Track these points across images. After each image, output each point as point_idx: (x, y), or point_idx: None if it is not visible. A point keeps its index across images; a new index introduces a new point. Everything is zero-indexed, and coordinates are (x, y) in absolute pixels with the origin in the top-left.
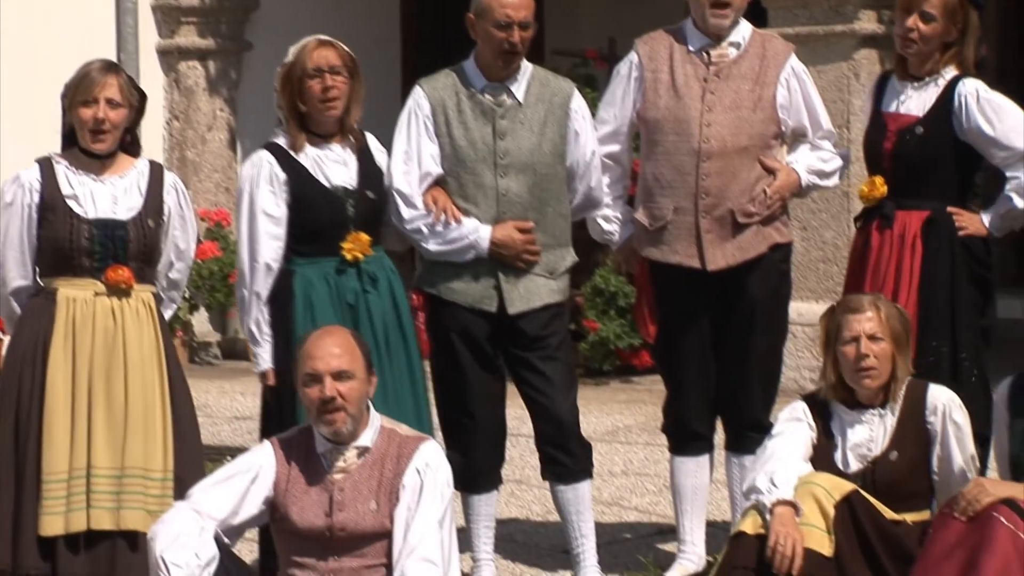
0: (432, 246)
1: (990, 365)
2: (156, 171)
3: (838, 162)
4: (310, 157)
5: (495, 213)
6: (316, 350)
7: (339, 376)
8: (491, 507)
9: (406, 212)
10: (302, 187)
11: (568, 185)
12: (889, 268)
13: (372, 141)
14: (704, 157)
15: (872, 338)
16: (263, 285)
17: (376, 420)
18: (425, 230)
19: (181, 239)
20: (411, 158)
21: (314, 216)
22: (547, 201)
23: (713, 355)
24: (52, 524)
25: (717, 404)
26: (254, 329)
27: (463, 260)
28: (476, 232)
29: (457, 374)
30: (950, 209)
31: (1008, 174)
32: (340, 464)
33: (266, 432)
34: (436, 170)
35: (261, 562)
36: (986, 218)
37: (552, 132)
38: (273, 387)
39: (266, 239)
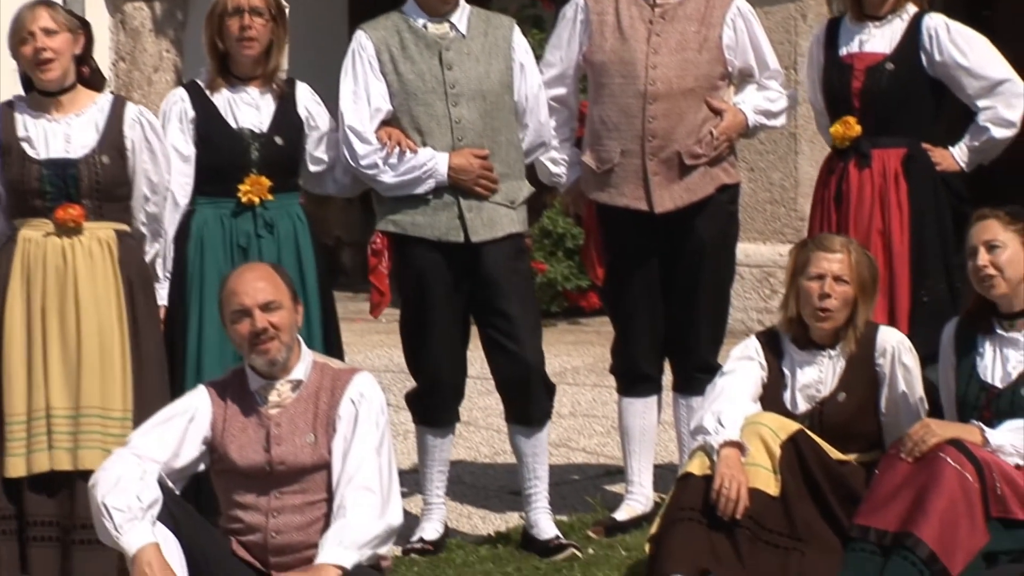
0: (389, 179)
1: None
2: (117, 106)
3: (785, 102)
4: (224, 97)
5: (450, 141)
6: (240, 286)
7: (267, 307)
8: (446, 452)
9: (360, 148)
10: (208, 126)
11: (519, 121)
12: (874, 207)
13: (303, 90)
14: (650, 99)
15: (837, 279)
16: (170, 222)
17: (308, 354)
18: (380, 163)
19: (153, 172)
20: (360, 96)
21: (216, 156)
22: (499, 129)
23: (661, 297)
24: (15, 466)
25: (665, 346)
26: (157, 263)
27: (421, 191)
28: (433, 160)
29: (425, 310)
30: (923, 145)
31: (980, 104)
32: (274, 399)
33: None
34: (386, 106)
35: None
36: (956, 153)
37: (498, 63)
38: (165, 324)
39: (176, 176)
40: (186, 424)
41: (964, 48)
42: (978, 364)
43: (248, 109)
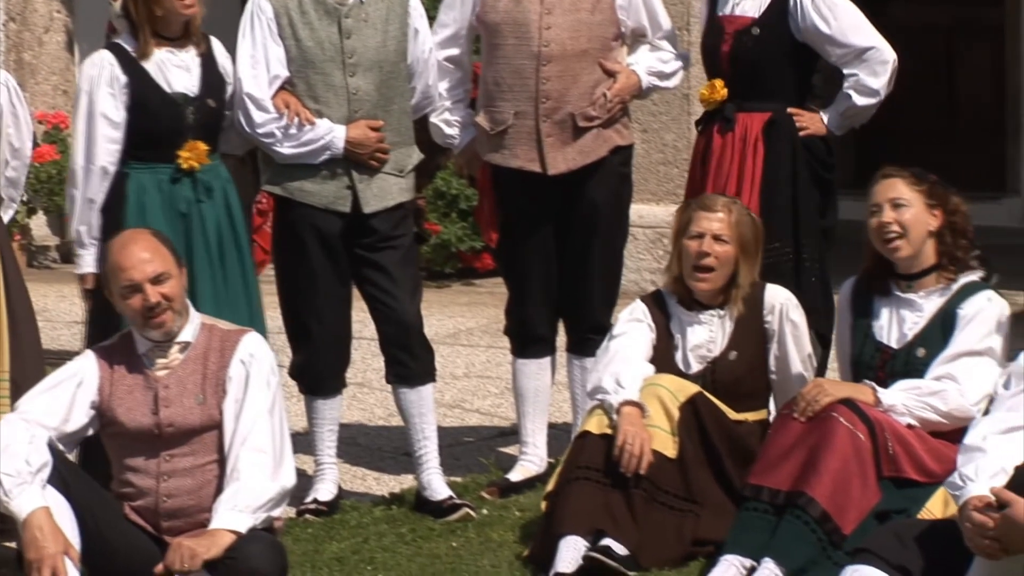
0: (286, 149)
1: (832, 267)
2: None
3: (678, 63)
4: (153, 61)
5: (346, 112)
6: (126, 260)
7: (157, 280)
8: (335, 411)
9: (258, 116)
10: (142, 91)
11: (407, 83)
12: (731, 170)
13: (216, 46)
14: (544, 60)
15: (717, 238)
16: (98, 190)
17: (196, 316)
18: (278, 133)
19: (15, 137)
20: (258, 62)
21: (152, 122)
22: (392, 99)
23: (555, 258)
24: None
25: (559, 307)
26: (82, 231)
27: (316, 162)
28: (331, 133)
29: (307, 277)
30: (790, 110)
31: (845, 71)
32: (162, 361)
33: (93, 336)
34: (284, 72)
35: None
36: (826, 117)
37: (395, 29)
38: (97, 290)
39: (103, 142)
40: (74, 388)
41: (828, 16)
42: (874, 325)
43: (179, 72)
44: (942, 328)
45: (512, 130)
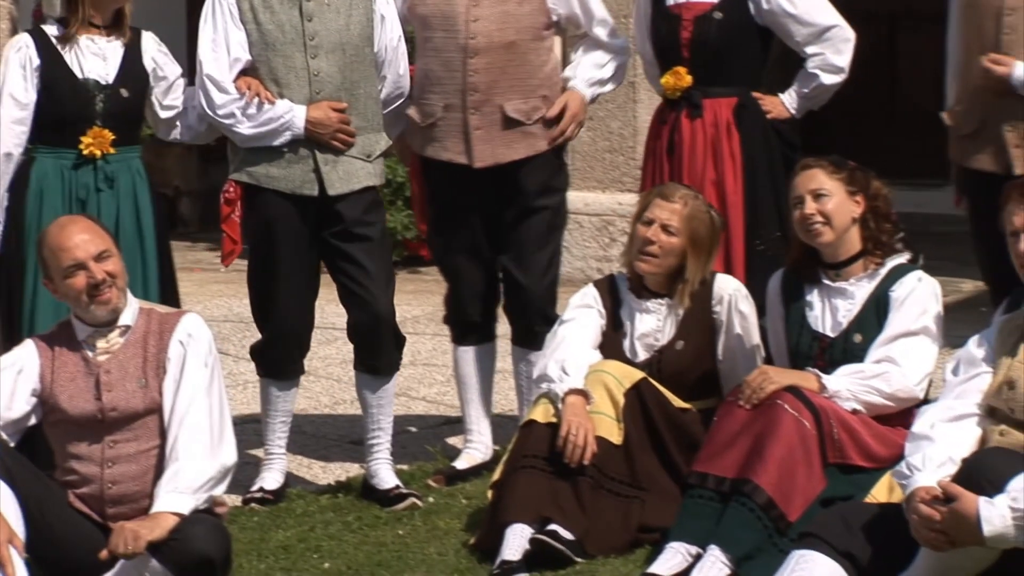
0: (245, 129)
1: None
2: None
3: (617, 60)
4: (72, 46)
5: (308, 94)
6: (67, 241)
7: (100, 257)
8: (289, 403)
9: (218, 97)
10: (53, 75)
11: (377, 73)
12: (707, 157)
13: (149, 40)
14: (471, 53)
15: (665, 228)
16: (3, 172)
17: (134, 301)
18: (238, 113)
19: None
20: (219, 45)
21: (59, 106)
22: (358, 83)
23: (490, 248)
24: None
25: (504, 298)
26: None
27: (278, 142)
28: (291, 112)
29: (273, 262)
30: (754, 94)
31: (809, 51)
32: (103, 346)
33: None
34: (245, 56)
35: None
36: (787, 100)
37: (359, 14)
38: None
39: (8, 124)
40: (15, 377)
41: None
42: (808, 314)
43: (95, 59)
44: (876, 312)
45: (442, 123)
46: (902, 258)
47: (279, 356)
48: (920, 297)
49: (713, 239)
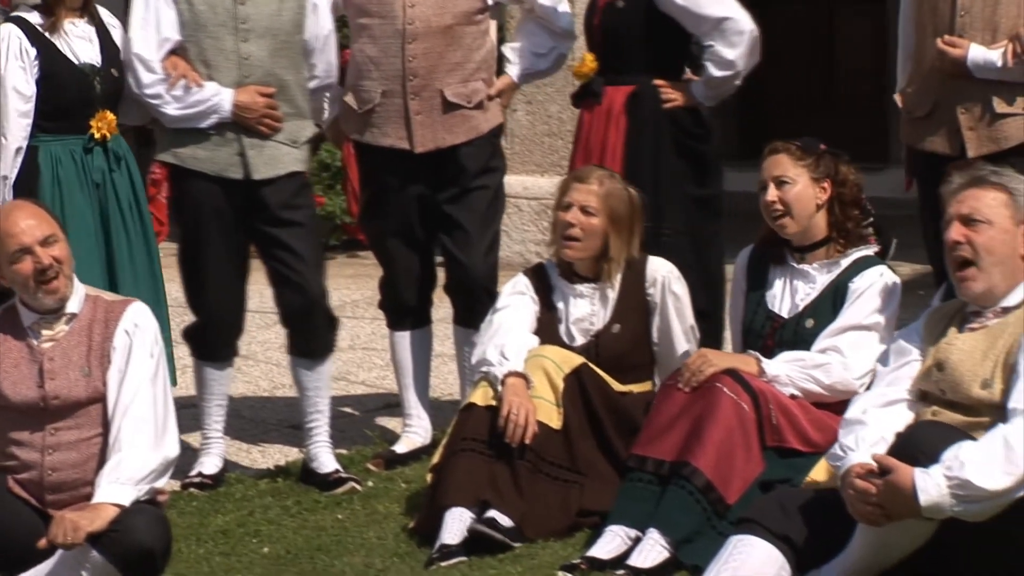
0: (172, 111)
1: (724, 237)
2: None
3: (560, 49)
4: (58, 33)
5: (237, 78)
6: (13, 227)
7: (46, 242)
8: (224, 386)
9: (145, 77)
10: (51, 63)
11: (307, 61)
12: (596, 145)
13: (105, 15)
14: (410, 38)
15: (583, 209)
16: (10, 166)
17: (80, 287)
18: (165, 95)
19: None
20: (149, 23)
21: (63, 94)
22: (287, 69)
23: (425, 232)
24: None
25: (445, 278)
26: None
27: (204, 125)
28: (218, 95)
29: (200, 244)
30: (656, 82)
31: (704, 43)
32: (48, 333)
33: None
34: (175, 36)
35: None
36: (695, 89)
37: (291, 1)
38: None
39: (15, 117)
40: None
41: None
42: (767, 294)
43: (82, 43)
44: (833, 300)
45: (380, 108)
46: (870, 249)
47: (212, 339)
48: (878, 292)
49: (633, 216)
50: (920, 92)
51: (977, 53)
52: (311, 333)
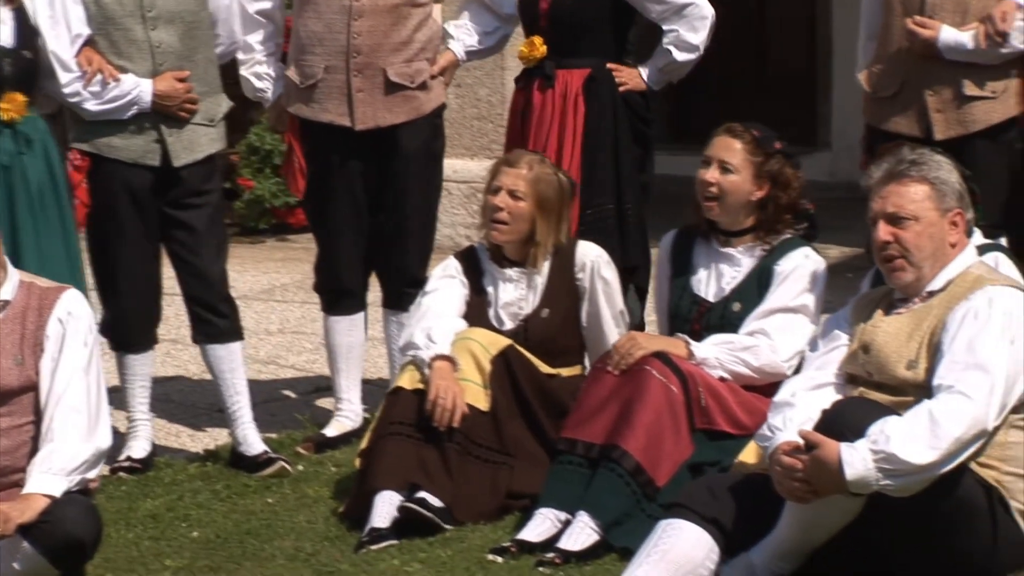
0: (92, 107)
1: (651, 221)
2: None
3: (504, 30)
4: None
5: (150, 67)
6: None
7: None
8: (147, 367)
9: (63, 76)
10: None
11: (211, 31)
12: (552, 127)
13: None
14: (355, 15)
15: (511, 193)
16: None
17: (14, 273)
18: (84, 92)
19: None
20: (58, 21)
21: None
22: (197, 49)
23: (368, 212)
24: None
25: (374, 261)
26: None
27: (125, 117)
28: (137, 87)
29: (116, 232)
30: (609, 65)
31: (665, 27)
32: None
33: None
34: (85, 30)
35: None
36: (644, 72)
37: None
38: None
39: None
40: None
41: None
42: (692, 278)
43: None
44: (759, 283)
45: (322, 84)
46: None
47: (130, 329)
48: (803, 274)
49: (562, 201)
50: (886, 72)
51: (948, 35)
52: (214, 316)
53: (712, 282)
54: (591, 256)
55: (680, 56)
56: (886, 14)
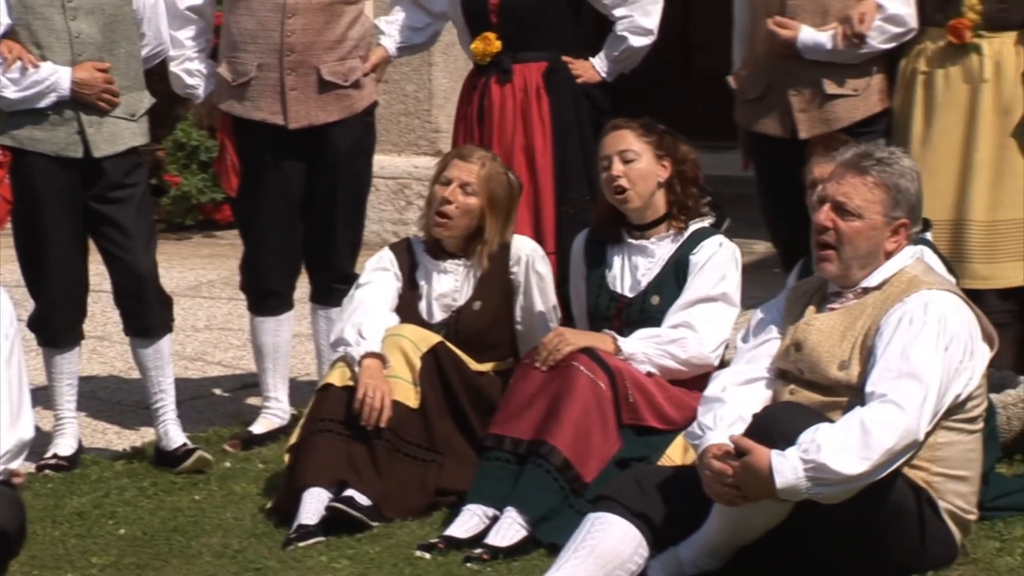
0: (10, 94)
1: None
2: None
3: (435, 27)
4: None
5: (70, 56)
6: None
7: None
8: (73, 364)
9: None
10: None
11: (137, 30)
12: (516, 122)
13: None
14: (289, 13)
15: (463, 187)
16: None
17: None
18: (3, 79)
19: None
20: None
21: None
22: (118, 42)
23: (298, 210)
24: None
25: (305, 256)
26: None
27: (43, 104)
28: (55, 74)
29: (40, 227)
30: (564, 58)
31: (618, 13)
32: None
33: None
34: (5, 20)
35: None
36: (597, 64)
37: None
38: None
39: None
40: None
41: None
42: (608, 274)
43: None
44: (675, 275)
45: (255, 82)
46: (706, 222)
47: (58, 324)
48: (719, 263)
49: (511, 201)
50: (753, 74)
51: (807, 35)
52: (144, 311)
53: (627, 276)
54: (526, 250)
55: (636, 41)
56: (752, 16)
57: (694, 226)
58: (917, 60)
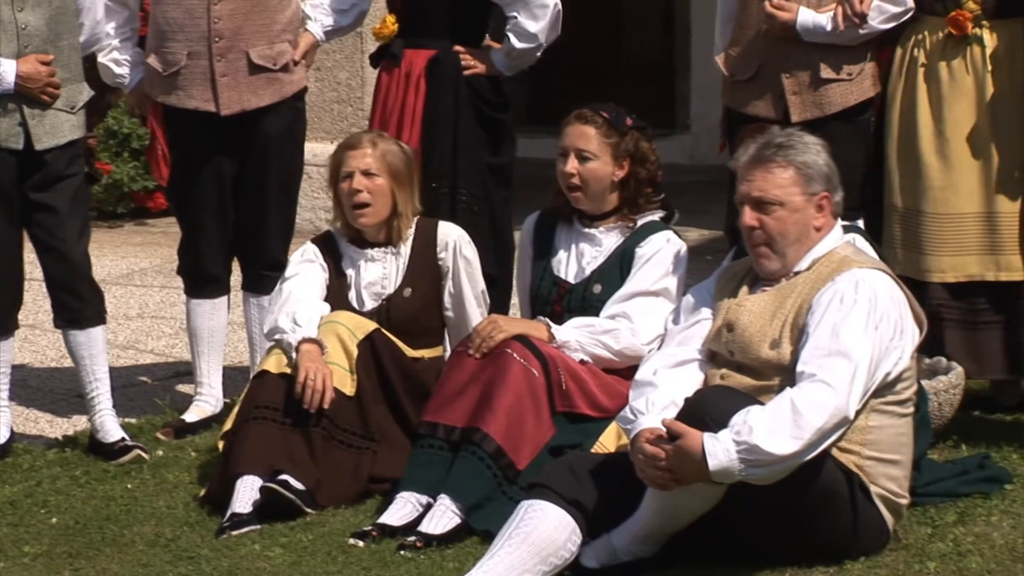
0: None
1: (514, 203)
2: None
3: (361, 6)
4: None
5: (16, 48)
6: None
7: None
8: (7, 353)
9: None
10: None
11: (76, 19)
12: (395, 107)
13: None
14: (215, 0)
15: (367, 174)
16: None
17: None
18: None
19: None
20: None
21: None
22: (62, 34)
23: (231, 196)
24: None
25: (234, 244)
26: None
27: None
28: (0, 68)
29: None
30: (457, 48)
31: (508, 13)
32: None
33: None
34: None
35: None
36: (495, 57)
37: None
38: None
39: None
40: None
41: None
42: (553, 259)
43: None
44: (620, 266)
45: (185, 71)
46: (656, 215)
47: None
48: (664, 258)
49: (410, 169)
50: (744, 55)
51: (806, 16)
52: (76, 301)
53: (573, 263)
54: (453, 235)
55: (518, 44)
56: None
57: (644, 219)
58: (916, 50)
